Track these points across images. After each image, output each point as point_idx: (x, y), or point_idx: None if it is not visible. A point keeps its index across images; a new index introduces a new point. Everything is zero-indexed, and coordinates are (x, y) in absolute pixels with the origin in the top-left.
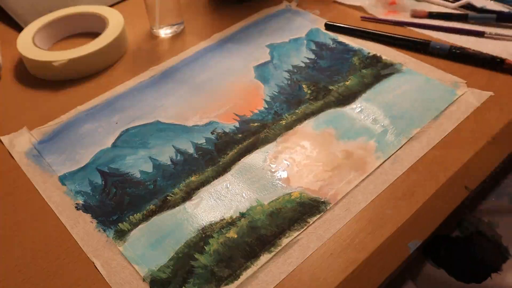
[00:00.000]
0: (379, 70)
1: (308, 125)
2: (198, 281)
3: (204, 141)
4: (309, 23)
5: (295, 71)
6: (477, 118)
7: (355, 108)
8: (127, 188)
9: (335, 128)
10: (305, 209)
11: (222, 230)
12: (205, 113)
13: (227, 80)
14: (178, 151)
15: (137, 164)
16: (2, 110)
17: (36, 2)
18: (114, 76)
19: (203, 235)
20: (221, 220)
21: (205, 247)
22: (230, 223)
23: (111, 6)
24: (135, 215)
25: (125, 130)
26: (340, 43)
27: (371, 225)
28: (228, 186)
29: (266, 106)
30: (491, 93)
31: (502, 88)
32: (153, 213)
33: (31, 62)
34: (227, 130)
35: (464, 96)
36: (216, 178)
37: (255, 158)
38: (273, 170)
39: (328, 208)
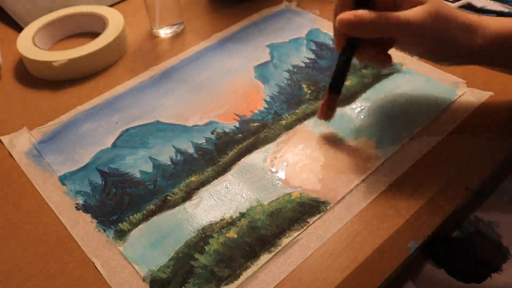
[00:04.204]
0: (379, 70)
1: (308, 125)
2: (198, 281)
3: (204, 141)
4: (309, 23)
5: (295, 71)
6: (477, 118)
7: (355, 108)
8: (127, 188)
9: (335, 128)
10: (305, 209)
11: (222, 230)
12: (205, 113)
13: (227, 80)
14: (178, 151)
15: (137, 164)
16: (2, 110)
17: (36, 2)
18: (114, 76)
19: (203, 235)
20: (221, 220)
21: (205, 247)
22: (230, 223)
23: (111, 6)
24: (135, 215)
25: (125, 130)
26: None
27: (371, 225)
28: (228, 186)
29: (266, 106)
30: (491, 93)
31: (502, 88)
32: (153, 213)
33: (31, 62)
34: (227, 130)
35: (464, 96)
36: (216, 178)
37: (255, 158)
38: (273, 170)
39: (328, 208)
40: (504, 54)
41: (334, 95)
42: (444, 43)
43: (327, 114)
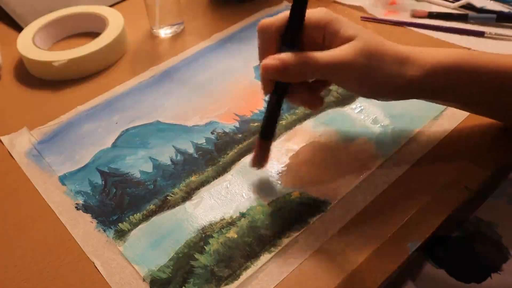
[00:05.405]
0: None
1: (308, 125)
2: (198, 281)
3: (204, 141)
4: None
5: None
6: (477, 118)
7: (355, 108)
8: (127, 188)
9: (335, 128)
10: (305, 209)
11: (222, 230)
12: (205, 113)
13: (227, 80)
14: (178, 151)
15: (137, 164)
16: (2, 110)
17: (36, 2)
18: (114, 76)
19: (203, 235)
20: (221, 220)
21: (205, 247)
22: (230, 223)
23: (111, 6)
24: (135, 215)
25: (125, 130)
26: None
27: (371, 225)
28: (228, 186)
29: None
30: None
31: None
32: (153, 213)
33: (31, 62)
34: (227, 130)
35: None
36: (216, 178)
37: None
38: (273, 170)
39: (328, 208)
40: (441, 87)
41: (266, 142)
42: (377, 79)
43: (260, 162)
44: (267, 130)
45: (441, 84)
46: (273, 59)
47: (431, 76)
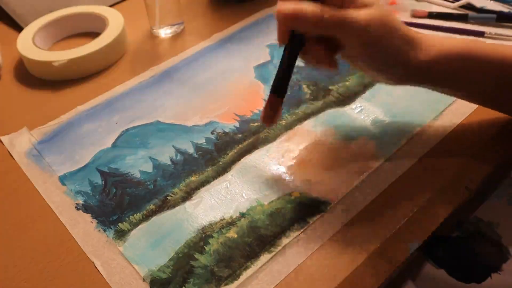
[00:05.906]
0: None
1: (308, 125)
2: (198, 281)
3: (204, 141)
4: None
5: (295, 71)
6: (477, 118)
7: (355, 108)
8: (127, 188)
9: (335, 128)
10: (305, 209)
11: (222, 230)
12: (205, 113)
13: (227, 80)
14: (178, 151)
15: (137, 164)
16: (2, 110)
17: (36, 2)
18: (114, 76)
19: (203, 235)
20: (221, 220)
21: (205, 247)
22: (230, 223)
23: (111, 6)
24: (135, 215)
25: (125, 130)
26: None
27: (371, 225)
28: (228, 186)
29: None
30: None
31: None
32: (153, 213)
33: (31, 62)
34: (227, 130)
35: None
36: (216, 178)
37: (255, 158)
38: (273, 170)
39: (328, 208)
40: (446, 73)
41: (277, 99)
42: (386, 51)
43: (270, 117)
44: (279, 86)
45: (447, 70)
46: (289, 5)
47: (437, 62)
